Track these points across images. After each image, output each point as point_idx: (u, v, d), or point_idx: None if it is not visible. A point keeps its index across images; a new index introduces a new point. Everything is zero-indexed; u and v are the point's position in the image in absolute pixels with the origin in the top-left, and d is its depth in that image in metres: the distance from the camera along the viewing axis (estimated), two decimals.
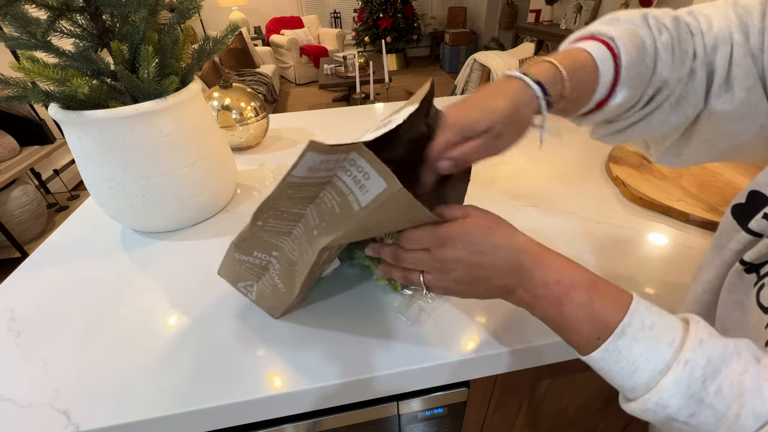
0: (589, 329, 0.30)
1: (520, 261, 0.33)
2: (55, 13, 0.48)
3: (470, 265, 0.34)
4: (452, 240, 0.34)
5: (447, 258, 0.34)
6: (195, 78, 0.63)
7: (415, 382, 0.44)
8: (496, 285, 0.34)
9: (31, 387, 0.41)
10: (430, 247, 0.35)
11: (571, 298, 0.31)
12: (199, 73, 2.82)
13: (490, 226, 0.35)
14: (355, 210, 0.34)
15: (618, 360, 0.29)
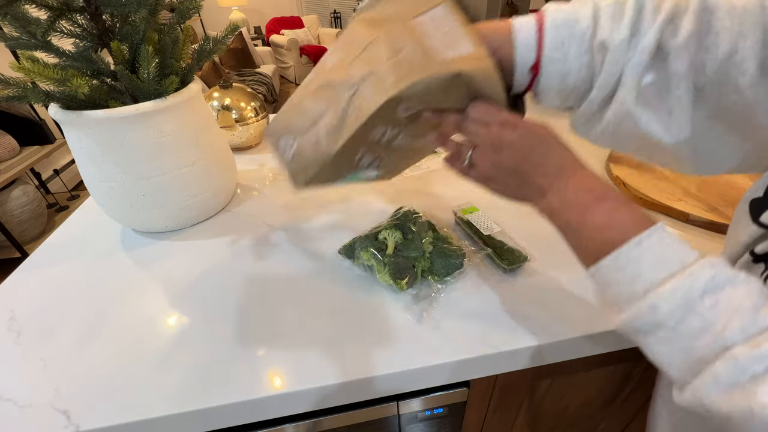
0: (607, 237, 0.30)
1: (565, 168, 0.34)
2: (55, 13, 0.48)
3: (521, 155, 0.35)
4: (517, 126, 0.35)
5: (504, 138, 0.35)
6: (195, 78, 0.63)
7: (415, 382, 0.44)
8: (532, 182, 0.35)
9: (31, 387, 0.41)
10: (494, 123, 0.36)
11: (598, 207, 0.31)
12: (199, 73, 2.81)
13: (556, 137, 0.35)
14: (438, 59, 0.35)
15: (625, 267, 0.29)
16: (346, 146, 0.42)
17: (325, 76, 0.43)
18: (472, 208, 0.64)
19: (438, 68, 0.36)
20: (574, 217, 0.32)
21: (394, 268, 0.49)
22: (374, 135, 0.43)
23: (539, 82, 0.37)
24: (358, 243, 0.53)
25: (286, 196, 0.74)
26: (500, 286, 0.51)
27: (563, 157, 0.34)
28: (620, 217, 0.30)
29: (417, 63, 0.37)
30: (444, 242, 0.54)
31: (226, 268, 0.56)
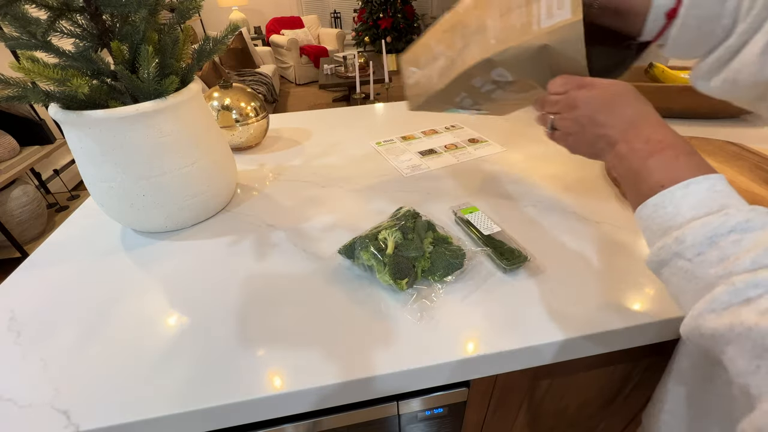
0: (659, 178, 0.32)
1: (636, 121, 0.36)
2: (55, 13, 0.48)
3: (593, 109, 0.37)
4: (592, 85, 0.38)
5: (578, 97, 0.38)
6: (195, 78, 0.63)
7: (415, 382, 0.44)
8: (604, 134, 0.37)
9: (31, 387, 0.41)
10: (570, 88, 0.39)
11: (661, 153, 0.32)
12: (199, 73, 2.82)
13: (634, 91, 0.37)
14: (533, 29, 0.40)
15: (666, 206, 0.30)
16: (449, 86, 0.51)
17: (453, 19, 0.51)
18: (472, 208, 0.64)
19: (529, 38, 0.40)
20: (636, 162, 0.34)
21: (394, 268, 0.49)
22: (474, 83, 0.50)
23: (672, 28, 0.38)
24: (358, 243, 0.53)
25: (286, 196, 0.74)
26: (500, 286, 0.51)
27: (636, 111, 0.36)
28: (678, 163, 0.31)
29: (517, 30, 0.42)
30: (444, 242, 0.54)
31: (226, 268, 0.56)
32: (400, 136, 0.99)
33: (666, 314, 0.46)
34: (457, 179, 0.77)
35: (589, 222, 0.62)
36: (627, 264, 0.53)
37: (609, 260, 0.54)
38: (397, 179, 0.78)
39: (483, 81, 0.49)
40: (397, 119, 1.11)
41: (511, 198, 0.69)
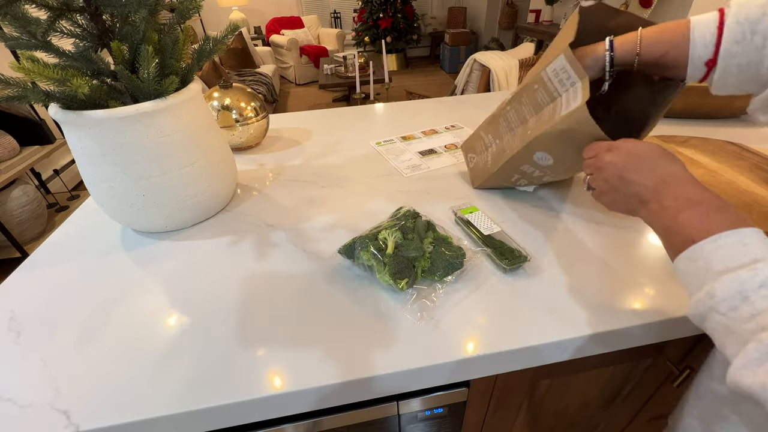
0: (690, 233, 0.33)
1: (667, 180, 0.37)
2: (55, 13, 0.48)
3: (620, 170, 0.40)
4: (618, 148, 0.41)
5: (605, 159, 0.42)
6: (195, 78, 0.63)
7: (415, 382, 0.44)
8: (635, 192, 0.39)
9: (31, 387, 0.41)
10: (599, 152, 0.44)
11: (692, 210, 0.34)
12: (199, 73, 2.82)
13: (661, 151, 0.40)
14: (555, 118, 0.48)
15: (698, 260, 0.31)
16: (502, 169, 0.62)
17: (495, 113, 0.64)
18: (472, 208, 0.64)
19: (552, 125, 0.48)
20: (668, 219, 0.36)
21: (394, 268, 0.49)
22: (524, 169, 0.60)
23: (714, 74, 0.42)
24: (358, 243, 0.53)
25: (286, 196, 0.74)
26: (500, 286, 0.51)
27: (666, 170, 0.38)
28: (708, 218, 0.32)
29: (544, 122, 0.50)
30: (444, 242, 0.54)
31: (226, 268, 0.56)
32: (400, 136, 0.99)
33: (666, 314, 0.45)
34: (457, 179, 0.77)
35: (589, 222, 0.62)
36: (627, 264, 0.53)
37: (609, 260, 0.54)
38: (397, 179, 0.78)
39: (530, 166, 0.58)
40: (397, 119, 1.11)
41: (511, 197, 0.69)
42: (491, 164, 0.64)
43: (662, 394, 0.65)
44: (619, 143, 0.42)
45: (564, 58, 0.46)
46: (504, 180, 0.65)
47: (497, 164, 0.62)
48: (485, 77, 2.53)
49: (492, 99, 1.23)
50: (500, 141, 0.63)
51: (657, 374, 0.60)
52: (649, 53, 0.45)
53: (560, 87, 0.49)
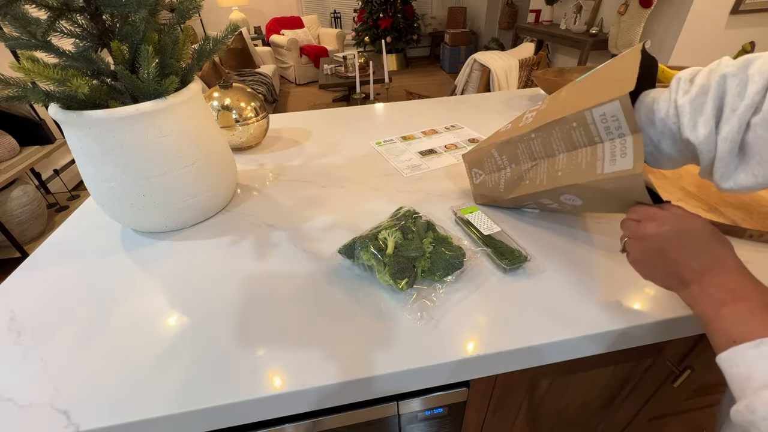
0: (732, 332, 0.31)
1: (712, 266, 0.35)
2: (55, 13, 0.48)
3: (666, 244, 0.37)
4: (663, 219, 0.38)
5: (648, 230, 0.39)
6: (195, 78, 0.63)
7: (415, 382, 0.44)
8: (676, 272, 0.37)
9: (31, 387, 0.41)
10: (642, 218, 0.40)
11: (735, 304, 0.32)
12: (199, 73, 2.82)
13: (711, 230, 0.37)
14: (597, 172, 0.43)
15: (739, 364, 0.29)
16: (518, 198, 0.59)
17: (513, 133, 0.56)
18: (472, 208, 0.64)
19: (593, 180, 0.44)
20: (710, 309, 0.34)
21: (394, 268, 0.49)
22: (543, 201, 0.56)
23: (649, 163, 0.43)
24: (358, 243, 0.53)
25: (286, 196, 0.74)
26: (500, 286, 0.51)
27: (712, 254, 0.36)
28: (752, 318, 0.31)
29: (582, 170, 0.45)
30: (444, 242, 0.54)
31: (226, 268, 0.56)
32: (400, 136, 0.99)
33: (666, 314, 0.45)
34: (458, 179, 0.77)
35: (589, 222, 0.62)
36: (627, 264, 0.53)
37: (609, 260, 0.54)
38: (397, 179, 0.78)
39: (551, 201, 0.55)
40: (397, 119, 1.11)
41: None
42: (504, 190, 0.60)
43: (662, 394, 0.65)
44: (665, 214, 0.38)
45: (620, 106, 0.40)
46: (512, 205, 0.63)
47: (513, 192, 0.58)
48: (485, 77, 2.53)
49: (492, 99, 1.23)
50: (517, 167, 0.57)
51: (657, 374, 0.60)
52: None
53: (605, 134, 0.43)
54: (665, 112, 0.39)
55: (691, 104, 0.37)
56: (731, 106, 0.35)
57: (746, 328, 0.30)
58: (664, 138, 0.40)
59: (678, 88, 0.38)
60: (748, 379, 0.28)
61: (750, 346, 0.29)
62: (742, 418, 0.28)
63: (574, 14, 3.24)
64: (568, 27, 3.33)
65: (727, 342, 0.31)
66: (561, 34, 3.29)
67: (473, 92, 2.70)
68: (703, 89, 0.37)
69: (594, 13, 3.14)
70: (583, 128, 0.45)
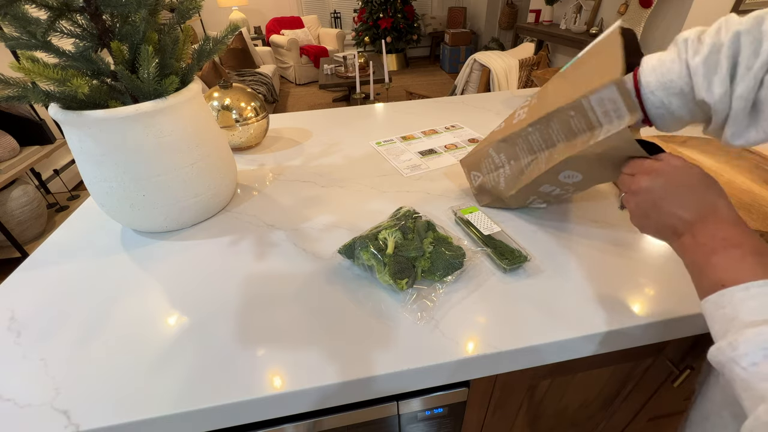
0: (721, 277, 0.31)
1: (704, 215, 0.35)
2: (55, 13, 0.48)
3: (658, 195, 0.38)
4: (657, 171, 0.38)
5: (642, 184, 0.39)
6: (195, 78, 0.63)
7: (415, 382, 0.44)
8: (669, 223, 0.38)
9: (31, 387, 0.41)
10: (636, 172, 0.40)
11: (726, 252, 0.32)
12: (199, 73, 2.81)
13: (702, 178, 0.37)
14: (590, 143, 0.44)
15: (725, 306, 0.30)
16: (520, 191, 0.58)
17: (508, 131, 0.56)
18: (472, 208, 0.64)
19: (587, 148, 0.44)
20: (700, 257, 0.34)
21: (394, 268, 0.49)
22: (544, 187, 0.56)
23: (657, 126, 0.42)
24: (358, 243, 0.53)
25: (286, 196, 0.74)
26: (500, 286, 0.51)
27: (705, 203, 0.36)
28: (743, 263, 0.31)
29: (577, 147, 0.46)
30: (444, 242, 0.54)
31: (226, 268, 0.56)
32: (400, 136, 0.99)
33: (666, 314, 0.45)
34: (458, 179, 0.77)
35: (589, 222, 0.62)
36: (627, 264, 0.53)
37: (609, 260, 0.54)
38: (397, 179, 0.78)
39: (551, 185, 0.54)
40: (397, 119, 1.11)
41: None
42: (505, 187, 0.60)
43: (662, 394, 0.65)
44: (660, 166, 0.39)
45: (616, 90, 0.41)
46: (518, 202, 0.62)
47: (513, 188, 0.58)
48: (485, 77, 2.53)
49: (492, 99, 1.23)
50: (516, 163, 0.57)
51: (657, 374, 0.60)
52: None
53: (604, 118, 0.43)
54: (677, 73, 0.38)
55: (704, 64, 0.36)
56: (746, 64, 0.34)
57: (736, 273, 0.31)
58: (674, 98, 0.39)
59: (687, 48, 0.38)
60: (732, 319, 0.29)
61: (739, 288, 0.29)
62: (722, 356, 0.29)
63: (574, 14, 3.24)
64: (568, 27, 3.33)
65: (714, 286, 0.32)
66: (561, 34, 3.29)
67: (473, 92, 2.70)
68: (715, 47, 0.35)
69: (594, 13, 3.14)
70: (582, 116, 0.45)
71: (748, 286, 0.29)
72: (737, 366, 0.28)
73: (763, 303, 0.28)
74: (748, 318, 0.28)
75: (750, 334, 0.27)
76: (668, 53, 0.39)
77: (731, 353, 0.28)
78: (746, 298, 0.29)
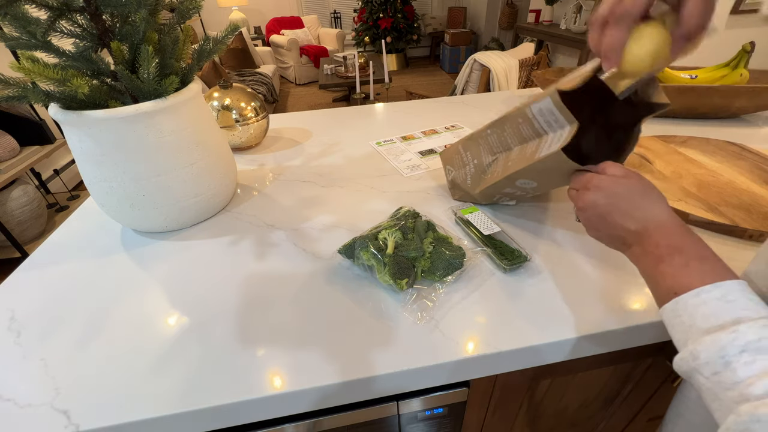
0: (671, 284, 0.32)
1: (648, 225, 0.37)
2: (55, 13, 0.48)
3: (603, 209, 0.40)
4: (598, 187, 0.40)
5: (587, 198, 0.41)
6: (195, 78, 0.63)
7: (415, 382, 0.44)
8: (617, 234, 0.39)
9: (31, 387, 0.41)
10: (579, 187, 0.43)
11: (671, 259, 0.33)
12: (199, 73, 2.81)
13: (642, 188, 0.39)
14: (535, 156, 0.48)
15: (681, 314, 0.30)
16: (484, 191, 0.61)
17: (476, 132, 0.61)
18: (472, 208, 0.64)
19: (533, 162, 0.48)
20: (649, 266, 0.35)
21: (394, 268, 0.49)
22: (506, 191, 0.59)
23: None
24: (358, 243, 0.53)
25: (286, 196, 0.74)
26: (500, 286, 0.51)
27: (646, 215, 0.37)
28: (688, 270, 0.32)
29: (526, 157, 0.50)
30: (444, 242, 0.54)
31: (226, 268, 0.56)
32: (400, 136, 0.99)
33: None
34: None
35: None
36: (627, 264, 0.53)
37: (609, 260, 0.54)
38: (397, 179, 0.78)
39: (512, 189, 0.58)
40: (397, 119, 1.11)
41: None
42: (471, 185, 0.63)
43: (662, 394, 0.65)
44: (599, 180, 0.40)
45: (551, 103, 0.45)
46: (485, 199, 0.65)
47: (478, 187, 0.62)
48: (485, 77, 2.53)
49: (492, 99, 1.23)
50: (478, 161, 0.61)
51: (657, 374, 0.60)
52: None
53: (547, 127, 0.48)
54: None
55: None
56: None
57: (684, 280, 0.31)
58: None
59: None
60: (690, 327, 0.29)
61: (690, 295, 0.30)
62: (686, 366, 0.29)
63: (574, 14, 3.24)
64: (568, 27, 3.33)
65: (668, 294, 0.32)
66: (561, 34, 3.29)
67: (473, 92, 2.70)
68: None
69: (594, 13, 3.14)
70: (528, 124, 0.50)
71: (699, 292, 0.30)
72: (701, 376, 0.28)
73: (714, 308, 0.29)
74: (704, 325, 0.28)
75: (707, 342, 0.27)
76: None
77: (693, 363, 0.28)
78: (698, 304, 0.29)
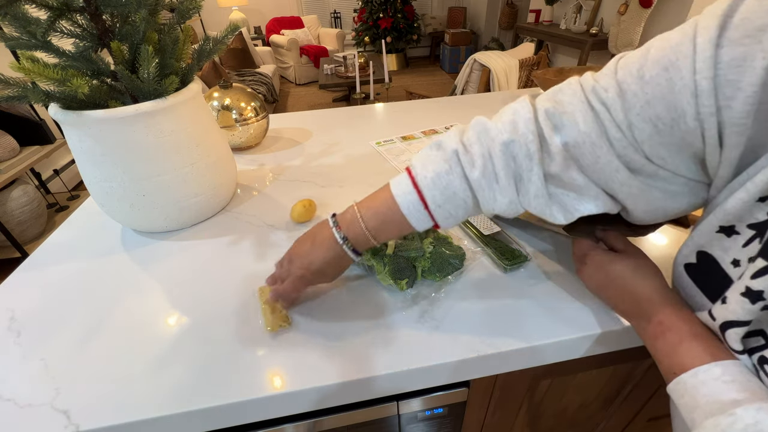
0: (669, 363, 0.34)
1: (640, 304, 0.39)
2: (55, 13, 0.48)
3: (597, 287, 0.44)
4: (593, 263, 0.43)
5: (582, 270, 0.45)
6: (195, 78, 0.63)
7: (415, 382, 0.44)
8: (615, 307, 0.43)
9: (31, 387, 0.41)
10: (579, 254, 0.46)
11: (665, 338, 0.35)
12: (199, 73, 2.81)
13: (633, 269, 0.40)
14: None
15: (683, 395, 0.31)
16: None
17: None
18: None
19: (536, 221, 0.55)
20: (647, 342, 0.37)
21: (394, 268, 0.49)
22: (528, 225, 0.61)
23: (443, 227, 0.41)
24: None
25: (286, 196, 0.74)
26: (500, 286, 0.51)
27: (638, 296, 0.39)
28: (681, 348, 0.33)
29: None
30: (444, 242, 0.54)
31: (226, 268, 0.56)
32: (400, 136, 0.99)
33: None
34: None
35: None
36: None
37: None
38: None
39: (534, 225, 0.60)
40: (397, 119, 1.11)
41: None
42: None
43: (662, 394, 0.65)
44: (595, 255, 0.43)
45: None
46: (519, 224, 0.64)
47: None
48: (485, 77, 2.53)
49: (492, 99, 1.23)
50: None
51: (657, 374, 0.60)
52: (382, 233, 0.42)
53: None
54: (458, 187, 0.37)
55: (484, 177, 0.37)
56: (526, 167, 0.36)
57: (680, 359, 0.32)
58: (460, 210, 0.39)
59: (459, 161, 0.37)
60: (694, 409, 0.30)
61: (688, 375, 0.31)
62: None
63: (574, 14, 3.24)
64: (568, 27, 3.33)
65: (668, 373, 0.33)
66: (561, 34, 3.29)
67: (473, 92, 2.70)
68: (487, 158, 0.36)
69: (594, 13, 3.14)
70: None
71: (696, 372, 0.30)
72: None
73: (713, 389, 0.29)
74: (707, 407, 0.29)
75: (709, 426, 0.28)
76: (437, 163, 0.38)
77: None
78: (697, 385, 0.30)
